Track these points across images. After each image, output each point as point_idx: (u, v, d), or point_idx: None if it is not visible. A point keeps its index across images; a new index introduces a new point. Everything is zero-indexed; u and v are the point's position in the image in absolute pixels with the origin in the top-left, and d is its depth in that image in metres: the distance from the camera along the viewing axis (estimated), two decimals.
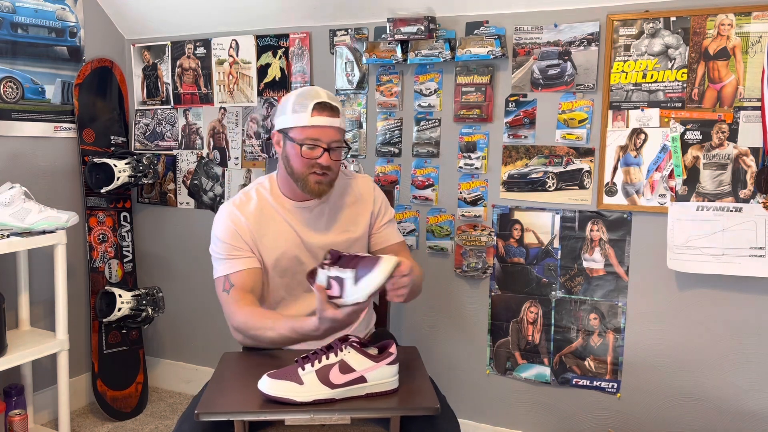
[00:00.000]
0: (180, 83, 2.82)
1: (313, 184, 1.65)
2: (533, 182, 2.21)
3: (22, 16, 2.51)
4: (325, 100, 1.62)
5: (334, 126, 1.63)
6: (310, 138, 1.61)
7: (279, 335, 1.52)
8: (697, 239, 1.96)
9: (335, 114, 1.63)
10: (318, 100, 1.61)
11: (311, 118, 1.60)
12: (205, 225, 2.82)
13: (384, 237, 1.82)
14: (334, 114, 1.63)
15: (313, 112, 1.61)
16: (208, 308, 2.86)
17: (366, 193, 1.81)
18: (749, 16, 1.87)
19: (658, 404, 2.11)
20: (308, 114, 1.61)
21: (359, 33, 2.42)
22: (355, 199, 1.80)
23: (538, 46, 2.15)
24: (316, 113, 1.61)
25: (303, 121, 1.61)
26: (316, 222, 1.74)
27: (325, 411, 1.32)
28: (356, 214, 1.79)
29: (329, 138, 1.62)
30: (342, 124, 1.66)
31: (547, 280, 2.23)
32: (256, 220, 1.70)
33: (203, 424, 1.38)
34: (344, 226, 1.77)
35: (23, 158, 2.55)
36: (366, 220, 1.80)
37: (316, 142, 1.61)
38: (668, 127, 2.00)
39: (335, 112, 1.63)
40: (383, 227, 1.82)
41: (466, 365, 2.40)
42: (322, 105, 1.61)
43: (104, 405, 2.70)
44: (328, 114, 1.62)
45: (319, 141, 1.62)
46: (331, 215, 1.76)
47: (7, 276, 2.46)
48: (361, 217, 1.79)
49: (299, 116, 1.62)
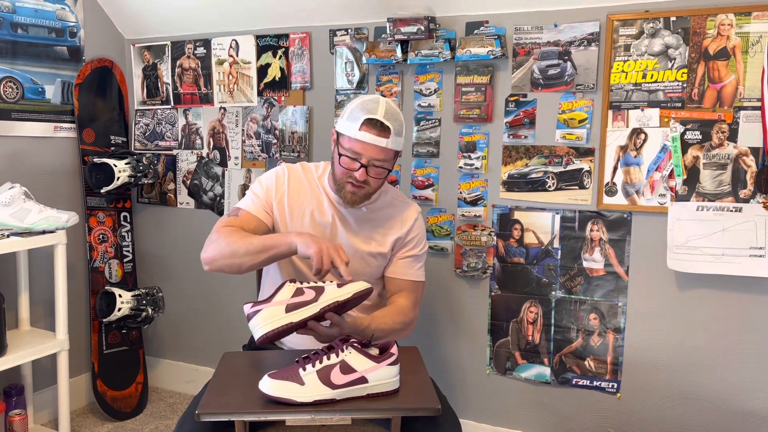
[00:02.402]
0: (180, 83, 2.82)
1: (347, 192, 1.68)
2: (533, 182, 2.21)
3: (22, 16, 2.50)
4: (377, 117, 1.61)
5: (379, 145, 1.62)
6: (352, 151, 1.63)
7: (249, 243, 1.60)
8: (697, 239, 1.96)
9: (385, 134, 1.62)
10: (371, 116, 1.61)
11: (358, 132, 1.61)
12: (206, 225, 2.83)
13: (401, 269, 1.80)
14: (384, 134, 1.62)
15: (362, 126, 1.61)
16: (208, 308, 2.86)
17: (406, 219, 1.81)
18: (749, 16, 1.88)
19: (658, 404, 2.12)
20: (357, 127, 1.61)
21: (359, 33, 2.42)
22: (390, 217, 1.80)
23: (538, 46, 2.15)
24: (365, 128, 1.61)
25: (351, 131, 1.63)
26: (347, 219, 1.77)
27: (325, 411, 1.32)
28: (385, 233, 1.79)
29: (370, 155, 1.62)
30: (391, 145, 1.63)
31: (547, 280, 2.23)
32: (296, 187, 1.78)
33: (203, 424, 1.38)
34: (371, 236, 1.78)
35: (23, 158, 2.55)
36: (391, 241, 1.79)
37: (357, 156, 1.63)
38: (668, 127, 2.01)
39: (386, 131, 1.62)
40: (406, 259, 1.81)
41: (466, 365, 2.40)
42: (373, 122, 1.61)
43: (104, 405, 2.70)
44: (377, 133, 1.61)
45: (360, 156, 1.62)
46: (364, 220, 1.78)
47: (7, 276, 2.46)
48: (388, 237, 1.79)
49: (350, 126, 1.63)
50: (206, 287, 2.85)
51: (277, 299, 1.42)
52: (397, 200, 1.85)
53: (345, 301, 1.45)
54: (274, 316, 1.40)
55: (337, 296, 1.45)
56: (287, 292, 1.43)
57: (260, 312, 1.41)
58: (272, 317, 1.40)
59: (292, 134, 2.60)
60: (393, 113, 1.64)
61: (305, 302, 1.42)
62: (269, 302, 1.42)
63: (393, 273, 1.81)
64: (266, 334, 1.40)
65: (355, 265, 1.71)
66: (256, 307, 1.42)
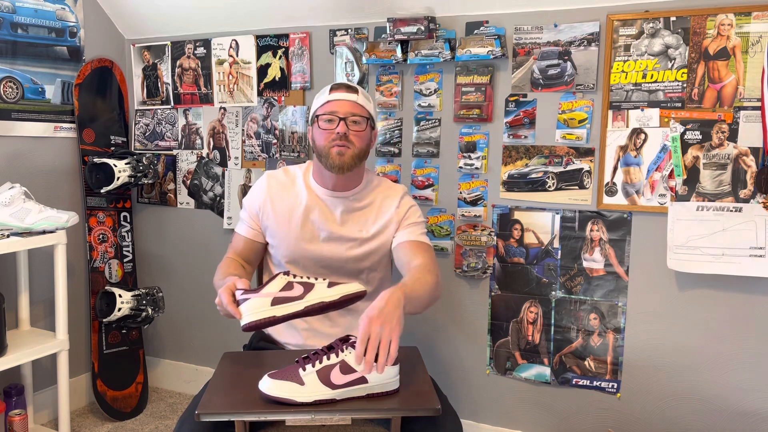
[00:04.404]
0: (180, 83, 2.82)
1: (334, 155, 1.69)
2: (533, 182, 2.21)
3: (22, 16, 2.51)
4: (342, 82, 1.76)
5: (350, 99, 1.71)
6: (327, 111, 1.71)
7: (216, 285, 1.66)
8: (697, 239, 1.96)
9: (353, 91, 1.73)
10: (336, 83, 1.75)
11: (328, 95, 1.72)
12: (205, 225, 2.83)
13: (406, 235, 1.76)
14: (352, 91, 1.73)
15: (331, 90, 1.73)
16: (208, 308, 2.86)
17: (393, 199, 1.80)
18: (749, 16, 1.88)
19: (658, 404, 2.12)
20: (326, 93, 1.73)
21: (359, 33, 2.42)
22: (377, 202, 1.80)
23: (538, 46, 2.15)
24: (334, 91, 1.73)
25: (322, 100, 1.73)
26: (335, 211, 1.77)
27: (326, 411, 1.32)
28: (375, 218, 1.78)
29: (345, 110, 1.70)
30: (361, 101, 1.73)
31: (547, 280, 2.23)
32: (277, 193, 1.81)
33: (203, 424, 1.38)
34: (361, 223, 1.78)
35: (23, 158, 2.55)
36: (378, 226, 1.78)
37: (333, 114, 1.70)
38: (668, 127, 2.01)
39: (352, 90, 1.73)
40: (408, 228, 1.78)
41: (466, 365, 2.40)
42: (339, 84, 1.74)
43: (104, 405, 2.70)
44: (346, 90, 1.73)
45: (336, 113, 1.70)
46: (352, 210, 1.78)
47: (7, 276, 2.46)
48: (379, 221, 1.78)
49: (320, 98, 1.75)
50: (206, 287, 2.85)
51: (266, 290, 1.45)
52: (382, 185, 1.84)
53: (331, 302, 1.46)
54: (259, 308, 1.44)
55: (323, 297, 1.46)
56: (277, 284, 1.46)
57: (248, 301, 1.45)
58: (258, 308, 1.44)
59: (292, 134, 2.60)
60: (355, 85, 1.77)
61: (291, 298, 1.45)
62: (258, 292, 1.46)
63: (399, 239, 1.76)
64: (249, 324, 1.45)
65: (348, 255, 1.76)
66: (246, 295, 1.46)
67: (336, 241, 1.75)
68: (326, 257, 1.75)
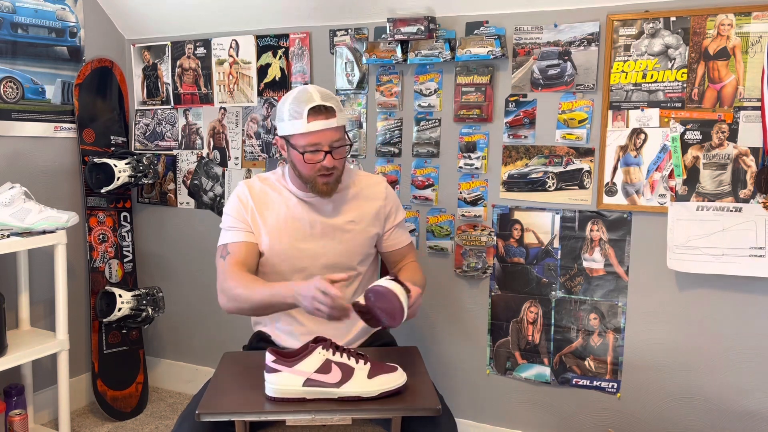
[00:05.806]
0: (180, 83, 2.82)
1: (321, 185, 1.69)
2: (533, 182, 2.21)
3: (22, 16, 2.51)
4: (318, 102, 1.63)
5: (331, 127, 1.64)
6: (311, 144, 1.64)
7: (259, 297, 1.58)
8: (697, 239, 1.96)
9: (331, 114, 1.65)
10: (311, 104, 1.63)
11: (308, 125, 1.62)
12: (205, 225, 2.83)
13: (395, 240, 1.88)
14: (330, 115, 1.64)
15: (309, 117, 1.62)
16: (208, 308, 2.86)
17: (378, 191, 1.85)
18: (749, 16, 1.88)
19: (658, 404, 2.12)
20: (304, 121, 1.62)
21: (359, 33, 2.42)
22: (359, 192, 1.83)
23: (538, 46, 2.15)
24: (312, 118, 1.62)
25: (300, 128, 1.64)
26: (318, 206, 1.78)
27: (326, 411, 1.32)
28: (359, 205, 1.81)
29: (329, 140, 1.65)
30: (340, 122, 1.67)
31: (547, 280, 2.23)
32: (261, 199, 1.77)
33: (203, 423, 1.38)
34: (346, 212, 1.80)
35: (23, 158, 2.55)
36: (370, 217, 1.82)
37: (317, 147, 1.64)
38: (668, 127, 2.01)
39: (331, 113, 1.65)
40: (395, 228, 1.88)
41: (466, 365, 2.40)
42: (316, 109, 1.63)
43: (104, 405, 2.70)
44: (324, 117, 1.63)
45: (320, 145, 1.64)
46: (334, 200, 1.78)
47: (7, 276, 2.46)
48: (365, 212, 1.81)
49: (296, 124, 1.64)
50: (206, 287, 2.85)
51: (301, 367, 1.35)
52: (360, 175, 1.88)
53: (368, 399, 1.36)
54: (289, 385, 1.35)
55: (361, 391, 1.35)
56: (314, 362, 1.36)
57: (278, 374, 1.35)
58: (287, 385, 1.35)
59: None
60: (326, 94, 1.68)
61: (326, 384, 1.35)
62: (291, 365, 1.35)
63: (391, 246, 1.88)
64: (274, 398, 1.36)
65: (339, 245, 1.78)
66: (277, 365, 1.35)
67: (329, 234, 1.76)
68: (320, 253, 1.76)
